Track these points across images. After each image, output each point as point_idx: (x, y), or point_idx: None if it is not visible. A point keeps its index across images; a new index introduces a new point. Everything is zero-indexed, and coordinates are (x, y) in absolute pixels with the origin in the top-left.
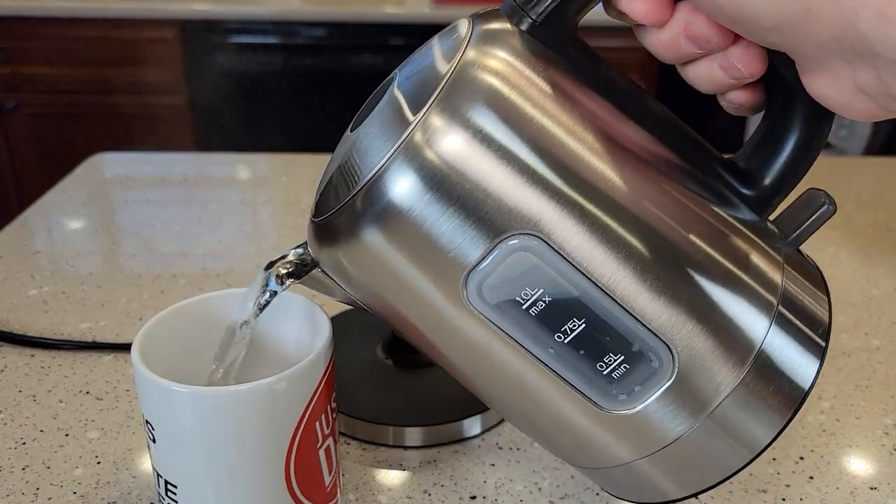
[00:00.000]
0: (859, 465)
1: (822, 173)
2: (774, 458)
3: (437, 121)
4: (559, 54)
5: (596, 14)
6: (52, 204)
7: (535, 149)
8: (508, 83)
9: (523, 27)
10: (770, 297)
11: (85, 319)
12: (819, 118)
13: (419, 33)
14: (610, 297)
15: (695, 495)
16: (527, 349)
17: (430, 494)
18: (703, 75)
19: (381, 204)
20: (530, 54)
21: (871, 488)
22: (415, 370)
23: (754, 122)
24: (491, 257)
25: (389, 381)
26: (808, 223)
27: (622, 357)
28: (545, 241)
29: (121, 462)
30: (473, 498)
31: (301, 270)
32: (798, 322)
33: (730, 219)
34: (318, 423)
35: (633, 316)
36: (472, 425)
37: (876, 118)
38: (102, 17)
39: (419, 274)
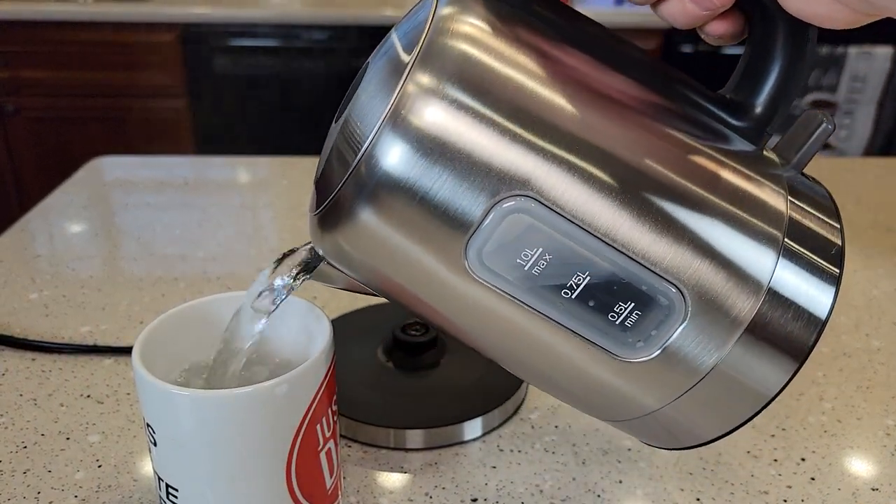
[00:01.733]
0: (861, 467)
1: (823, 174)
2: (776, 460)
3: (409, 97)
4: (526, 12)
5: (596, 16)
6: (53, 208)
7: (513, 109)
8: (478, 46)
9: None
10: (774, 230)
11: (85, 323)
12: (801, 36)
13: None
14: (611, 245)
15: (728, 433)
16: (536, 310)
17: (431, 497)
18: (676, 11)
19: (373, 182)
20: (496, 16)
21: (873, 489)
22: (415, 372)
23: None
24: (487, 222)
25: (390, 384)
26: (807, 145)
27: (633, 304)
28: (538, 200)
29: (122, 465)
30: (475, 500)
31: (309, 266)
32: (807, 252)
33: (724, 153)
34: (319, 426)
35: (636, 261)
36: (473, 427)
37: (856, 23)
38: (102, 21)
39: (420, 248)
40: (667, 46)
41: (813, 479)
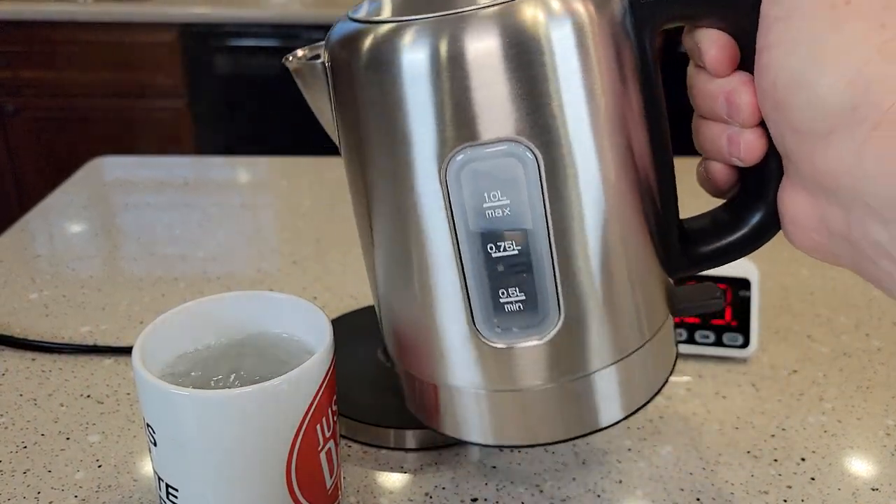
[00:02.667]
0: (861, 466)
1: None
2: (776, 460)
3: (541, 6)
4: (639, 39)
5: None
6: (53, 208)
7: (585, 95)
8: (596, 26)
9: None
10: (647, 332)
11: (85, 323)
12: (772, 226)
13: None
14: (550, 240)
15: (506, 447)
16: (457, 236)
17: (431, 497)
18: (709, 135)
19: (456, 40)
20: (621, 20)
21: (873, 489)
22: None
23: None
24: (496, 147)
25: (390, 384)
26: (693, 307)
27: (523, 297)
28: (540, 167)
29: (122, 465)
30: (475, 500)
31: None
32: (650, 363)
33: (661, 260)
34: (319, 426)
35: (555, 270)
36: None
37: (816, 252)
38: (102, 21)
39: (427, 119)
40: (666, 47)
41: (813, 479)
